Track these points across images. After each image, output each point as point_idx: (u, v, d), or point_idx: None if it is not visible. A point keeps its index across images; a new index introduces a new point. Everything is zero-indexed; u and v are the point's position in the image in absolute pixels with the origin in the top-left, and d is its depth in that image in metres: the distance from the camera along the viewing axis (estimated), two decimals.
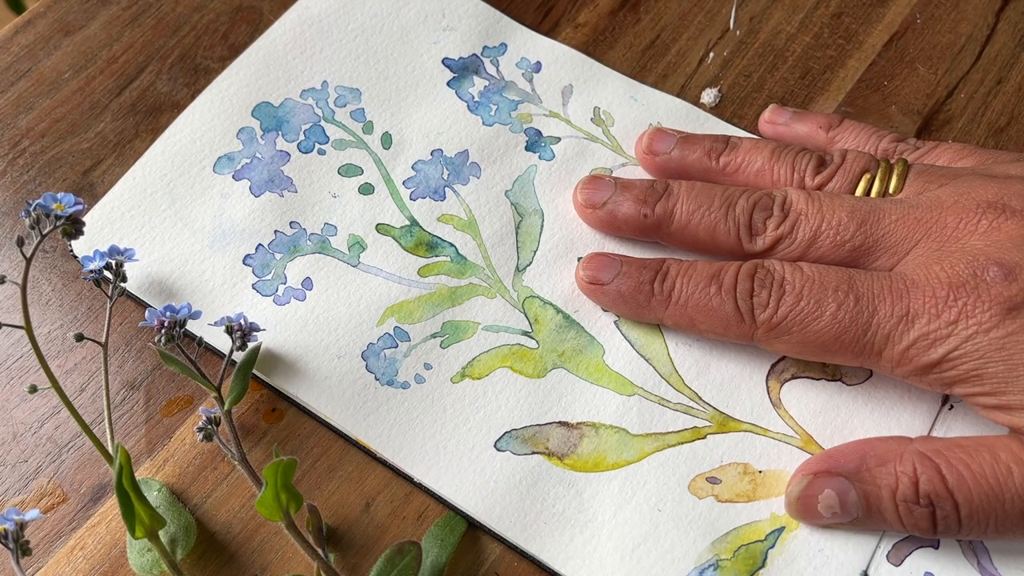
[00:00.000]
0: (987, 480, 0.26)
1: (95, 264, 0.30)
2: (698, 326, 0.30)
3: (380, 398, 0.31)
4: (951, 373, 0.27)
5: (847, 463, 0.28)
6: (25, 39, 0.38)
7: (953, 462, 0.27)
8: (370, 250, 0.33)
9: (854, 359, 0.29)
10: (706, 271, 0.30)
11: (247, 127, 0.36)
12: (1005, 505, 0.26)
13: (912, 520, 0.27)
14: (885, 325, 0.28)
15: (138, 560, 0.29)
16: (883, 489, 0.27)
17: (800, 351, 0.29)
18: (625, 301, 0.31)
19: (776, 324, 0.29)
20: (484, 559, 0.30)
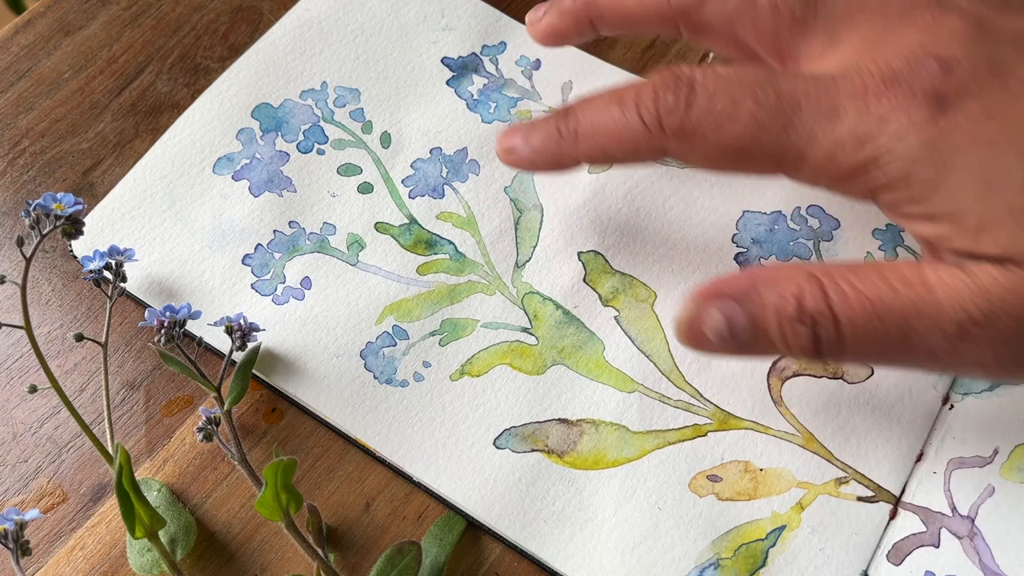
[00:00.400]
0: (869, 299, 0.24)
1: (95, 264, 0.30)
2: (612, 154, 0.28)
3: (379, 397, 0.31)
4: (878, 176, 0.25)
5: (736, 286, 0.26)
6: (25, 39, 0.38)
7: (839, 281, 0.25)
8: (369, 249, 0.33)
9: (775, 165, 0.26)
10: (607, 94, 0.28)
11: (247, 128, 0.36)
12: (887, 325, 0.24)
13: (796, 340, 0.25)
14: (809, 123, 0.25)
15: (138, 560, 0.29)
16: (769, 310, 0.25)
17: (717, 159, 0.26)
18: (541, 155, 0.29)
19: (689, 130, 0.26)
20: (484, 559, 0.30)
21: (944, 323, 0.24)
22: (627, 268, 0.33)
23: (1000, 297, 0.23)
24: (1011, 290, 0.23)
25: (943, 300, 0.24)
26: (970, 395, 0.31)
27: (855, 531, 0.29)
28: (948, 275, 0.24)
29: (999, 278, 0.23)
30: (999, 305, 0.23)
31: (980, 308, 0.23)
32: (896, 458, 0.30)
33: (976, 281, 0.23)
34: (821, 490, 0.30)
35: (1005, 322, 0.23)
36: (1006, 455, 0.30)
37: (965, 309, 0.23)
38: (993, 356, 0.24)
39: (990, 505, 0.29)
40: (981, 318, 0.23)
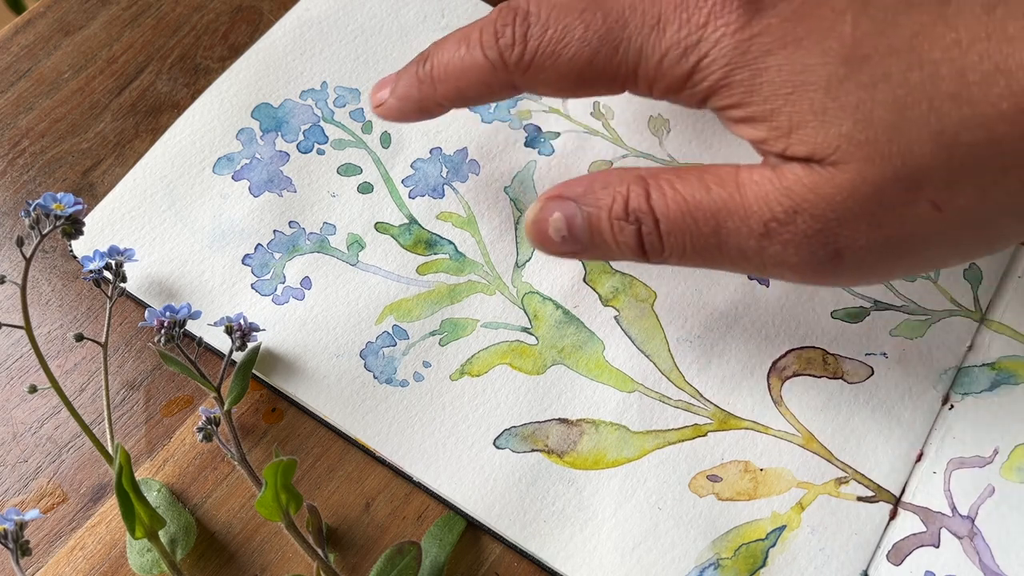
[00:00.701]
0: (684, 198, 0.25)
1: (95, 264, 0.30)
2: (468, 94, 0.29)
3: (379, 396, 0.31)
4: (703, 85, 0.25)
5: (576, 188, 0.27)
6: (25, 39, 0.38)
7: (661, 182, 0.26)
8: (369, 249, 0.33)
9: (614, 84, 0.26)
10: (456, 34, 0.28)
11: (247, 128, 0.36)
12: (699, 224, 0.25)
13: (623, 238, 0.26)
14: (636, 38, 0.25)
15: (138, 560, 0.29)
16: (602, 209, 0.27)
17: (563, 86, 0.27)
18: (406, 102, 0.30)
19: (528, 61, 0.27)
20: (484, 559, 0.30)
21: (751, 221, 0.24)
22: (627, 268, 0.33)
23: (801, 195, 0.24)
24: (812, 188, 0.23)
25: (751, 199, 0.24)
26: (970, 395, 0.31)
27: (855, 531, 0.29)
28: (759, 175, 0.25)
29: (802, 177, 0.24)
30: (799, 203, 0.24)
31: (783, 206, 0.24)
32: (896, 458, 0.30)
33: (782, 181, 0.24)
34: (821, 490, 0.30)
35: (805, 220, 0.24)
36: (1006, 455, 0.30)
37: (769, 207, 0.24)
38: (795, 254, 0.24)
39: (990, 505, 0.29)
40: (783, 216, 0.24)
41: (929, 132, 0.22)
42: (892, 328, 0.32)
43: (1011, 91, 0.22)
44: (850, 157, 0.23)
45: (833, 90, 0.23)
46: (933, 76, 0.22)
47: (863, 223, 0.24)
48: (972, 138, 0.22)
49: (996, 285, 0.33)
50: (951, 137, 0.22)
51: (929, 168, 0.23)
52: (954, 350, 0.32)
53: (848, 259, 0.24)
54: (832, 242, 0.24)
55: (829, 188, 0.23)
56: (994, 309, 0.33)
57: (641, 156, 0.35)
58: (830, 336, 0.32)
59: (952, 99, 0.22)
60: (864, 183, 0.23)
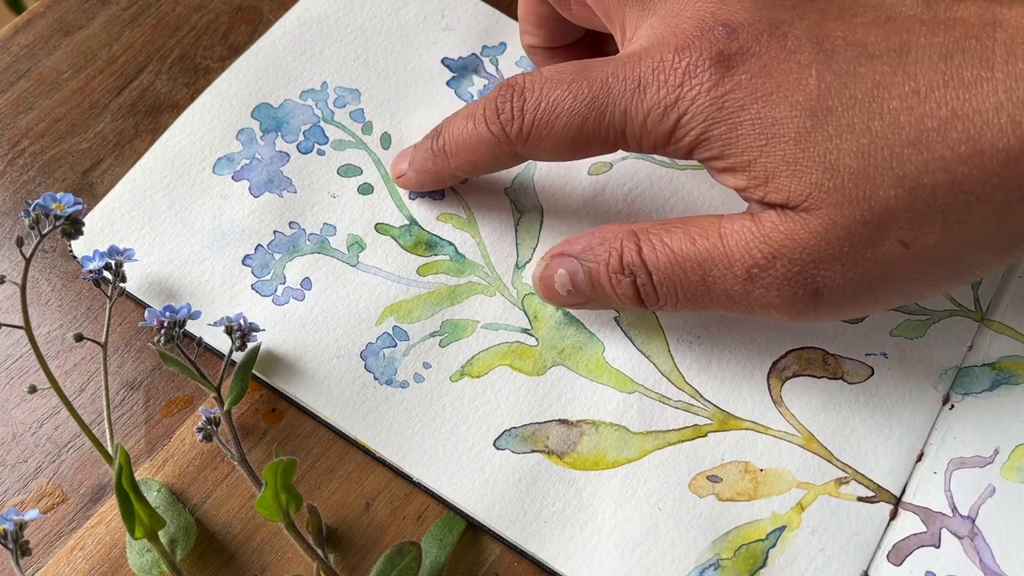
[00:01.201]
0: (672, 251, 0.27)
1: (94, 264, 0.30)
2: (479, 166, 0.31)
3: (379, 397, 0.31)
4: (685, 140, 0.27)
5: (576, 245, 0.30)
6: (25, 39, 0.38)
7: (651, 237, 0.28)
8: (369, 250, 0.33)
9: (606, 145, 0.28)
10: (463, 112, 0.31)
11: (247, 128, 0.36)
12: (688, 273, 0.27)
13: (622, 290, 0.29)
14: (620, 102, 0.27)
15: (138, 560, 0.28)
16: (601, 265, 0.29)
17: (562, 151, 0.29)
18: (424, 175, 0.33)
19: (527, 133, 0.29)
20: (484, 559, 0.30)
21: (735, 268, 0.26)
22: None
23: (778, 241, 0.26)
24: (788, 234, 0.25)
25: (733, 248, 0.26)
26: (970, 395, 0.31)
27: (855, 531, 0.29)
28: (739, 225, 0.27)
29: (778, 224, 0.26)
30: (777, 249, 0.26)
31: (762, 252, 0.26)
32: (896, 458, 0.30)
33: (760, 228, 0.26)
34: (821, 490, 0.30)
35: (783, 264, 0.26)
36: (1006, 455, 0.30)
37: (751, 255, 0.26)
38: (778, 296, 0.26)
39: (990, 505, 0.29)
40: (763, 261, 0.26)
41: (892, 177, 0.24)
42: (892, 328, 0.32)
43: (968, 135, 0.23)
44: (821, 203, 0.25)
45: (802, 141, 0.25)
46: (893, 124, 0.24)
47: (837, 264, 0.25)
48: (933, 180, 0.24)
49: (996, 285, 0.33)
50: (913, 180, 0.24)
51: (894, 210, 0.24)
52: (954, 350, 0.32)
53: (827, 297, 0.26)
54: (811, 283, 0.26)
55: (804, 233, 0.25)
56: (994, 309, 0.33)
57: (641, 158, 0.35)
58: (830, 336, 0.32)
59: (912, 145, 0.24)
60: (835, 227, 0.25)
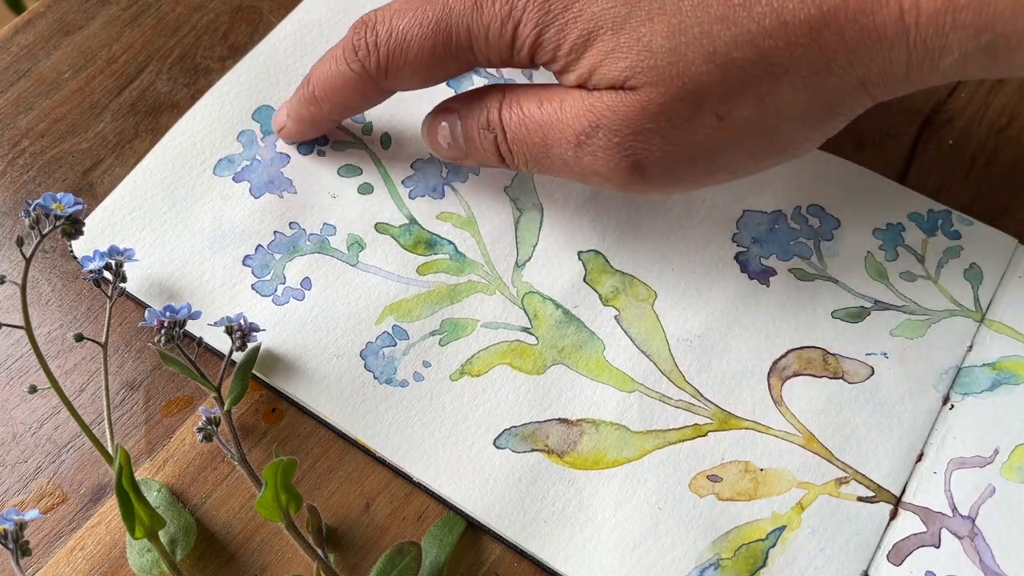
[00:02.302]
0: (523, 113, 0.29)
1: (95, 264, 0.30)
2: (350, 105, 0.32)
3: (379, 397, 0.31)
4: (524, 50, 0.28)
5: (458, 100, 0.32)
6: (25, 39, 0.38)
7: (512, 99, 0.30)
8: (369, 249, 0.33)
9: (460, 64, 0.30)
10: (328, 54, 0.32)
11: (247, 130, 0.36)
12: (532, 135, 0.29)
13: (485, 145, 0.31)
14: (463, 20, 0.29)
15: (138, 560, 0.28)
16: (473, 120, 0.31)
17: (420, 79, 0.31)
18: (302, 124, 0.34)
19: (385, 65, 0.30)
20: (484, 559, 0.30)
21: (567, 134, 0.28)
22: (627, 267, 0.33)
23: (600, 112, 0.27)
24: (610, 107, 0.27)
25: (568, 115, 0.28)
26: (970, 395, 0.31)
27: (855, 531, 0.29)
28: (576, 95, 0.28)
29: (604, 96, 0.27)
30: (600, 119, 0.27)
31: (588, 121, 0.28)
32: (896, 458, 0.30)
33: (589, 99, 0.28)
34: (821, 490, 0.30)
35: (605, 133, 0.28)
36: (1006, 455, 0.30)
37: (580, 122, 0.28)
38: (604, 164, 0.28)
39: (990, 505, 0.29)
40: (588, 129, 0.28)
41: (703, 53, 0.26)
42: (892, 328, 0.32)
43: (771, 8, 0.25)
44: (639, 82, 0.27)
45: (619, 29, 0.27)
46: (702, 3, 0.26)
47: (656, 136, 0.27)
48: (743, 55, 0.25)
49: (996, 285, 0.33)
50: (724, 56, 0.26)
51: (707, 85, 0.26)
52: (954, 350, 0.32)
53: (648, 168, 0.28)
54: (631, 154, 0.28)
55: (623, 107, 0.27)
56: (994, 309, 0.33)
57: None
58: (830, 336, 0.32)
59: (720, 22, 0.25)
60: (651, 103, 0.27)
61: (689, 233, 0.34)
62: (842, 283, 0.33)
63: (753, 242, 0.34)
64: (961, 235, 0.34)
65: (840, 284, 0.33)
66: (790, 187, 0.35)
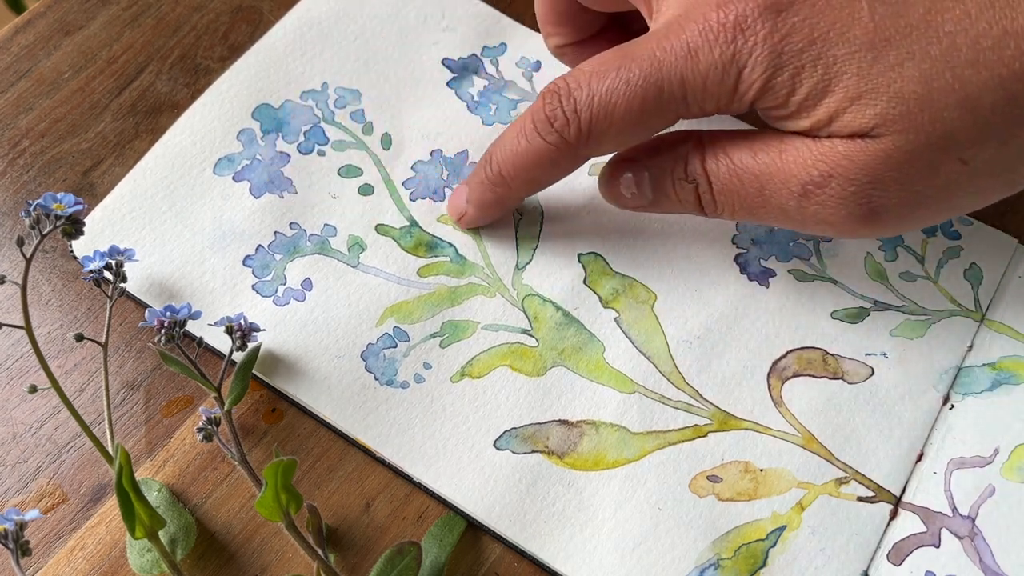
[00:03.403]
0: (733, 163, 0.28)
1: (95, 264, 0.30)
2: (542, 180, 0.31)
3: (379, 398, 0.31)
4: (748, 95, 0.27)
5: (641, 152, 0.30)
6: (25, 39, 0.38)
7: (716, 147, 0.29)
8: (370, 251, 0.33)
9: (670, 118, 0.28)
10: (510, 131, 0.31)
11: (247, 129, 0.36)
12: (745, 185, 0.28)
13: (684, 195, 0.30)
14: (675, 72, 0.27)
15: (138, 560, 0.28)
16: (666, 171, 0.30)
17: (624, 140, 0.29)
18: (486, 208, 0.33)
19: (588, 131, 0.29)
20: (484, 559, 0.30)
21: (791, 184, 0.27)
22: (627, 270, 0.33)
23: (835, 161, 0.26)
24: (846, 155, 0.26)
25: (791, 164, 0.27)
26: (970, 395, 0.31)
27: (855, 531, 0.29)
28: (799, 142, 0.27)
29: (837, 145, 0.26)
30: (835, 168, 0.26)
31: (819, 171, 0.27)
32: (896, 458, 0.30)
33: (819, 147, 0.27)
34: (821, 490, 0.30)
35: (839, 183, 0.26)
36: (1006, 455, 0.30)
37: (808, 172, 0.27)
38: (833, 213, 0.27)
39: (990, 505, 0.29)
40: (819, 179, 0.27)
41: (956, 99, 0.25)
42: (892, 328, 0.32)
43: (1020, 51, 0.24)
44: (886, 131, 0.25)
45: (864, 75, 0.25)
46: (951, 47, 0.25)
47: (895, 185, 0.26)
48: (993, 99, 0.25)
49: (996, 285, 0.33)
50: (975, 101, 0.25)
51: (957, 131, 0.25)
52: (954, 350, 0.32)
53: (883, 215, 0.27)
54: (866, 202, 0.26)
55: (863, 156, 0.26)
56: (994, 309, 0.33)
57: None
58: (830, 336, 0.32)
59: (971, 65, 0.25)
60: (897, 151, 0.26)
61: (689, 235, 0.34)
62: (842, 284, 0.33)
63: (752, 244, 0.34)
64: (961, 235, 0.34)
65: (840, 285, 0.33)
66: None
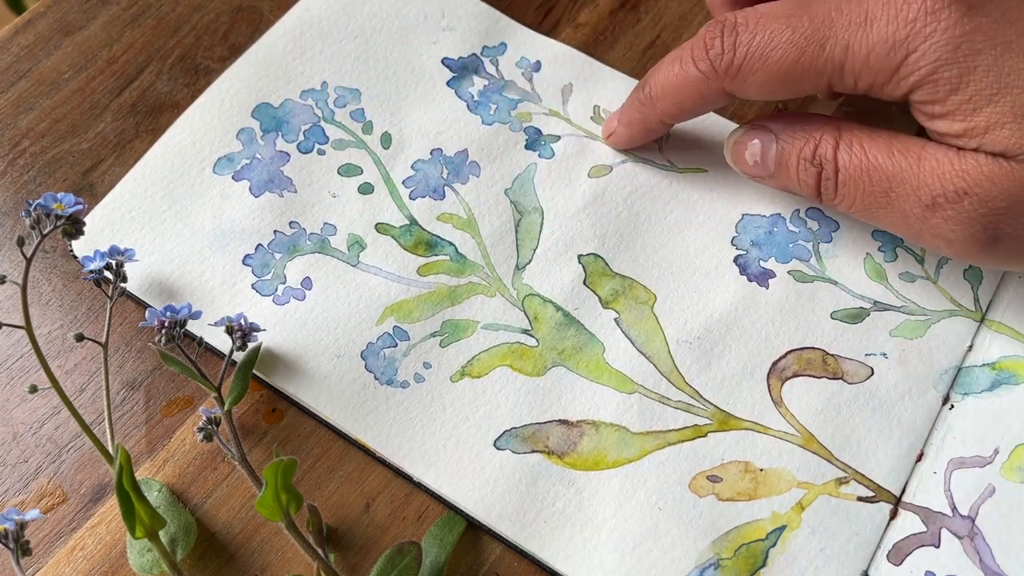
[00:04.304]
0: (867, 157, 0.28)
1: (95, 264, 0.30)
2: (686, 107, 0.31)
3: (379, 397, 0.31)
4: (909, 79, 0.26)
5: (779, 122, 0.31)
6: (25, 39, 0.38)
7: (852, 138, 0.28)
8: (369, 249, 0.33)
9: (819, 81, 0.28)
10: (668, 57, 0.32)
11: (247, 128, 0.36)
12: (873, 181, 0.28)
13: (804, 177, 0.30)
14: (843, 35, 0.27)
15: (138, 560, 0.28)
16: (794, 148, 0.30)
17: (769, 88, 0.29)
18: (633, 128, 0.34)
19: (739, 67, 0.29)
20: (484, 559, 0.30)
21: (921, 192, 0.27)
22: (627, 270, 0.33)
23: (975, 180, 0.26)
24: (988, 176, 0.26)
25: (927, 172, 0.27)
26: (970, 395, 0.31)
27: (855, 531, 0.29)
28: (940, 153, 0.27)
29: (982, 164, 0.26)
30: (972, 186, 0.26)
31: (955, 186, 0.26)
32: (896, 458, 0.30)
33: (961, 162, 0.26)
34: (821, 490, 0.30)
35: (972, 202, 0.26)
36: (1006, 455, 0.30)
37: (942, 184, 0.26)
38: (954, 232, 0.27)
39: (990, 505, 0.29)
40: (952, 194, 0.26)
41: None
42: (892, 328, 0.32)
43: None
44: None
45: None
46: None
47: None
48: None
49: (996, 285, 0.33)
50: None
51: None
52: (954, 350, 0.32)
53: (1002, 242, 0.26)
54: (993, 226, 0.26)
55: (1006, 181, 0.25)
56: (994, 309, 0.33)
57: (640, 161, 0.35)
58: (830, 337, 0.32)
59: None
60: None
61: (688, 236, 0.34)
62: (841, 284, 0.33)
63: (752, 245, 0.34)
64: None
65: (839, 285, 0.33)
66: None
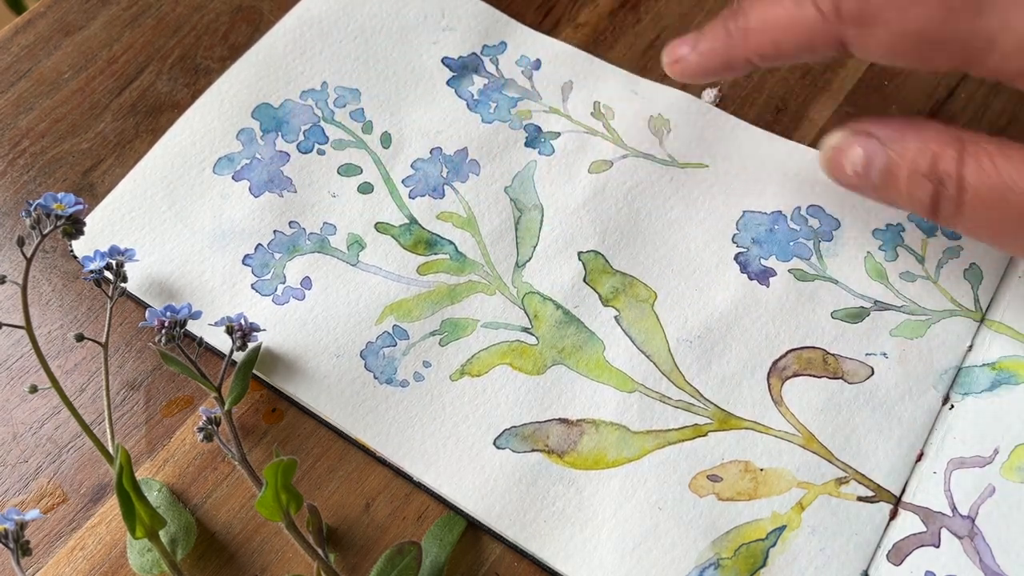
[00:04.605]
0: (1002, 177, 0.24)
1: (95, 264, 0.30)
2: (784, 48, 0.28)
3: (379, 397, 0.31)
4: None
5: (886, 128, 0.27)
6: (25, 39, 0.38)
7: (980, 152, 0.25)
8: (369, 249, 0.33)
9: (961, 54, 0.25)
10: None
11: (247, 128, 0.36)
12: (1011, 206, 0.25)
13: (917, 193, 0.26)
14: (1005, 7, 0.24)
15: (138, 560, 0.29)
16: (907, 159, 0.26)
17: (897, 49, 0.26)
18: (710, 58, 0.29)
19: (869, 14, 0.25)
20: (484, 559, 0.30)
21: None
22: (627, 268, 0.33)
23: None
24: None
25: None
26: (970, 395, 0.31)
27: (855, 531, 0.29)
28: None
29: None
30: None
31: None
32: (896, 458, 0.30)
33: None
34: (821, 490, 0.30)
35: None
36: (1006, 455, 0.30)
37: None
38: None
39: (990, 505, 0.29)
40: None
41: None
42: (892, 328, 0.32)
43: None
44: None
45: None
46: None
47: None
48: None
49: (996, 285, 0.33)
50: None
51: None
52: (954, 350, 0.32)
53: None
54: None
55: None
56: (994, 309, 0.33)
57: (641, 156, 0.35)
58: (830, 336, 0.32)
59: None
60: None
61: (689, 234, 0.34)
62: (842, 283, 0.33)
63: (753, 243, 0.34)
64: (961, 235, 0.34)
65: (840, 284, 0.33)
66: (789, 188, 0.35)
